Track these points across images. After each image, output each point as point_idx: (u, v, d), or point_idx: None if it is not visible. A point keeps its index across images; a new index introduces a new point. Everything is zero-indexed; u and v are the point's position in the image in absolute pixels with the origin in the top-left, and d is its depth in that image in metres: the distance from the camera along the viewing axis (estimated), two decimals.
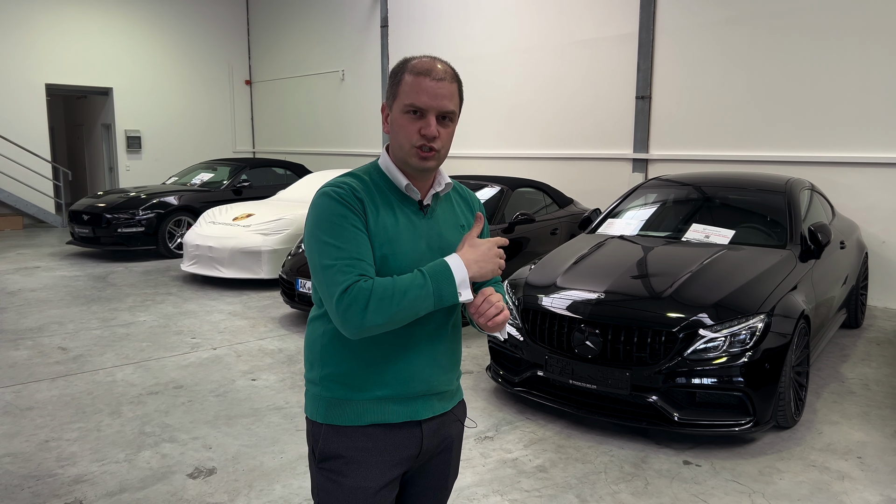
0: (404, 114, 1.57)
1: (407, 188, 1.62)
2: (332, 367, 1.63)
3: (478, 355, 5.40)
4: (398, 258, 1.57)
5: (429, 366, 1.64)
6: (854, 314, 6.06)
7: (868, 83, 6.97)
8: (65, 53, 14.19)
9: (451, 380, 1.72)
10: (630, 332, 3.77)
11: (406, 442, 1.64)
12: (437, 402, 1.69)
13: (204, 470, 3.48)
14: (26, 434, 3.90)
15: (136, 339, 5.79)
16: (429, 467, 1.74)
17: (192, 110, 16.14)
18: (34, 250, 10.57)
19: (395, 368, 1.60)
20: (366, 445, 1.61)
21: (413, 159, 1.58)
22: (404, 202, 1.63)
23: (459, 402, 1.80)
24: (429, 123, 1.55)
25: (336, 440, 1.62)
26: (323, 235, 1.53)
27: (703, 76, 8.31)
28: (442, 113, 1.56)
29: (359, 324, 1.46)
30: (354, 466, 1.60)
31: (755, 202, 5.20)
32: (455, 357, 1.73)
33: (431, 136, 1.55)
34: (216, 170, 11.40)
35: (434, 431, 1.69)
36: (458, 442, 1.79)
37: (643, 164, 8.99)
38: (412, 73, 1.56)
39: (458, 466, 1.84)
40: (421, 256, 1.60)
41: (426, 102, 1.54)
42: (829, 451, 3.70)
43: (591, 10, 9.42)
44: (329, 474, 1.62)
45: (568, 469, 3.50)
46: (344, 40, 13.84)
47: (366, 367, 1.60)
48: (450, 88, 1.57)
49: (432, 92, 1.54)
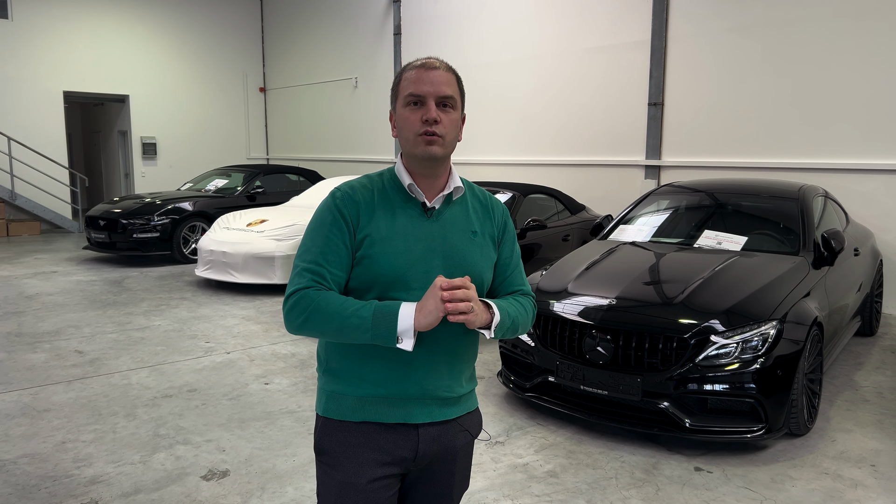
0: (405, 107, 1.61)
1: (410, 187, 1.64)
2: (334, 362, 1.67)
3: (489, 361, 5.41)
4: (388, 258, 1.58)
5: (424, 370, 1.62)
6: (868, 322, 6.02)
7: (882, 89, 6.94)
8: (82, 61, 14.40)
9: (453, 387, 1.68)
10: (641, 338, 3.77)
11: (400, 443, 1.63)
12: (436, 407, 1.66)
13: (217, 472, 3.52)
14: (43, 435, 3.96)
15: (150, 343, 5.85)
16: (432, 474, 1.71)
17: (206, 117, 16.31)
18: (51, 255, 10.71)
19: (388, 368, 1.61)
20: (357, 441, 1.62)
21: (419, 148, 1.59)
22: (408, 203, 1.65)
23: (471, 412, 1.76)
24: (429, 108, 1.58)
25: (331, 433, 1.65)
26: (306, 235, 1.64)
27: (715, 83, 8.30)
28: (441, 98, 1.59)
29: (294, 328, 1.56)
30: (345, 461, 1.62)
31: (768, 209, 5.18)
32: (458, 365, 1.69)
33: (432, 120, 1.57)
34: (230, 176, 11.50)
35: (434, 438, 1.66)
36: (465, 452, 1.75)
37: (655, 171, 8.98)
38: (409, 70, 1.63)
39: (467, 477, 1.79)
40: (418, 258, 1.60)
41: (424, 90, 1.58)
42: (842, 459, 3.67)
43: (604, 18, 9.45)
44: (325, 466, 1.66)
45: (579, 474, 3.51)
46: (357, 48, 13.94)
47: (360, 365, 1.62)
48: (446, 76, 1.61)
49: (429, 80, 1.58)
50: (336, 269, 1.58)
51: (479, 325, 1.56)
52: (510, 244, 1.79)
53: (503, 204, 1.82)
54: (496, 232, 1.75)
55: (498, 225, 1.76)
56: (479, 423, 1.80)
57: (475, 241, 1.69)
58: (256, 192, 10.99)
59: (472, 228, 1.69)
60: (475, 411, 1.79)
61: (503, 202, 7.79)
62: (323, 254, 1.58)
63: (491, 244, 1.73)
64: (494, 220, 1.76)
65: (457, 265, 1.64)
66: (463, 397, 1.73)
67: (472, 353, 1.75)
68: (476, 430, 1.79)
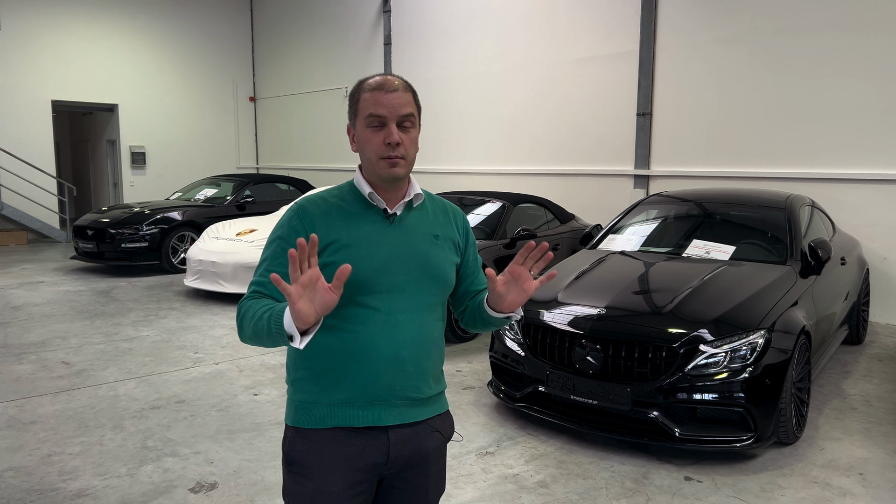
0: (367, 127, 1.64)
1: (370, 196, 1.68)
2: (302, 370, 1.67)
3: (479, 370, 5.41)
4: (353, 264, 1.59)
5: (391, 370, 1.63)
6: (856, 330, 6.06)
7: (867, 100, 7.02)
8: (70, 70, 14.34)
9: (421, 387, 1.69)
10: (631, 347, 3.78)
11: (370, 448, 1.64)
12: (405, 409, 1.67)
13: (206, 484, 3.49)
14: (29, 448, 3.91)
15: (138, 354, 5.80)
16: (406, 478, 1.72)
17: (196, 126, 16.26)
18: (38, 265, 10.62)
19: (356, 371, 1.62)
20: (329, 449, 1.63)
21: (383, 170, 1.64)
22: (369, 211, 1.69)
23: (441, 414, 1.78)
24: (391, 131, 1.62)
25: (301, 443, 1.65)
26: (264, 247, 1.71)
27: (703, 93, 8.37)
28: (401, 119, 1.63)
29: (241, 338, 1.61)
30: (317, 470, 1.62)
31: (756, 218, 5.22)
32: (425, 365, 1.70)
33: (395, 142, 1.61)
34: (220, 185, 11.47)
35: (404, 440, 1.68)
36: (437, 454, 1.76)
37: (644, 181, 9.03)
38: (367, 90, 1.65)
39: (443, 480, 1.80)
40: (382, 263, 1.63)
41: (385, 112, 1.61)
42: (830, 468, 3.69)
43: (593, 29, 9.52)
44: (296, 477, 1.65)
45: (569, 485, 3.50)
46: (347, 57, 13.97)
47: (328, 371, 1.63)
48: (404, 97, 1.64)
49: (389, 103, 1.62)
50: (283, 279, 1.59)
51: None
52: (473, 248, 1.88)
53: (461, 211, 1.90)
54: (459, 239, 1.82)
55: (461, 232, 1.83)
56: (450, 425, 1.82)
57: (438, 245, 1.73)
58: (246, 202, 10.96)
59: (434, 232, 1.74)
60: (446, 413, 1.81)
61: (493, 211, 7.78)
62: (270, 266, 1.64)
63: (453, 248, 1.79)
64: (457, 227, 1.83)
65: (421, 268, 1.68)
66: (432, 398, 1.75)
67: (439, 355, 1.76)
68: (448, 432, 1.80)
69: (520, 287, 1.67)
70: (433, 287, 1.70)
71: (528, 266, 1.66)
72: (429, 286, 1.70)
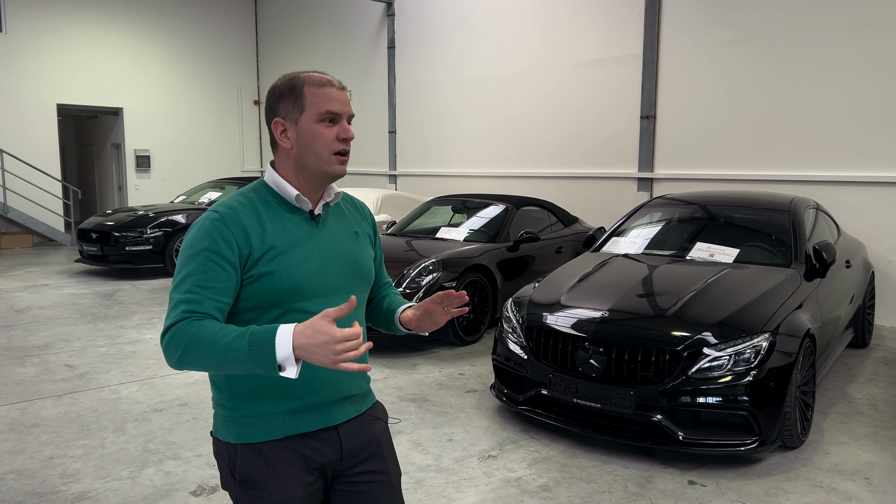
0: (319, 122, 1.61)
1: (297, 199, 1.64)
2: (242, 386, 1.61)
3: (482, 374, 5.39)
4: (289, 271, 1.56)
5: (337, 372, 1.64)
6: (861, 334, 6.02)
7: (873, 102, 6.99)
8: (76, 74, 14.40)
9: (362, 383, 1.75)
10: (634, 350, 3.76)
11: (324, 448, 1.65)
12: (349, 405, 1.71)
13: (207, 487, 3.48)
14: (31, 451, 3.91)
15: (141, 357, 5.81)
16: (367, 469, 1.72)
17: (200, 130, 16.31)
18: (43, 268, 10.65)
19: (305, 379, 1.60)
20: (285, 458, 1.61)
21: (333, 167, 1.64)
22: (294, 214, 1.65)
23: (375, 403, 1.82)
24: (345, 128, 1.64)
25: (254, 458, 1.60)
26: (179, 264, 1.54)
27: (707, 96, 8.35)
28: (350, 116, 1.66)
29: (174, 364, 1.46)
30: (276, 481, 1.59)
31: (760, 221, 5.20)
32: (362, 361, 1.70)
33: (351, 138, 1.64)
34: (224, 189, 11.49)
35: (353, 433, 1.70)
36: (386, 438, 1.80)
37: (648, 183, 9.01)
38: (314, 85, 1.62)
39: (397, 464, 1.81)
40: (317, 268, 1.62)
41: (340, 108, 1.62)
42: (836, 472, 3.66)
43: (597, 32, 9.51)
44: (254, 493, 1.60)
45: (572, 488, 3.48)
46: (351, 61, 13.99)
47: (275, 382, 1.59)
48: (347, 96, 1.68)
49: (343, 99, 1.64)
50: (218, 294, 1.50)
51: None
52: (379, 242, 1.93)
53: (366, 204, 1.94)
54: (371, 231, 1.87)
55: (370, 224, 1.88)
56: (384, 412, 1.86)
57: (359, 242, 1.77)
58: None
59: (353, 230, 1.78)
60: (378, 402, 1.85)
61: (496, 214, 7.77)
62: (200, 281, 1.49)
63: (369, 243, 1.84)
64: (367, 220, 1.87)
65: (351, 267, 1.70)
66: (367, 392, 1.80)
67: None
68: (386, 417, 1.85)
69: (433, 319, 1.75)
70: (362, 284, 1.74)
71: (444, 305, 1.72)
72: (359, 284, 1.72)
